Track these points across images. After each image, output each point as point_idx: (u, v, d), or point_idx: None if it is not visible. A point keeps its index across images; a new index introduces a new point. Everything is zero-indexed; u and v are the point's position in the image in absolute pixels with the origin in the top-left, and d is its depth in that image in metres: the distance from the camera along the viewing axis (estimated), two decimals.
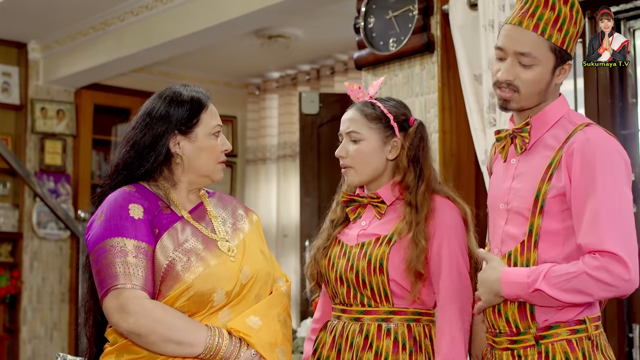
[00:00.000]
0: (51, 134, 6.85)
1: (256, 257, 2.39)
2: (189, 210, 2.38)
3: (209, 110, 2.39)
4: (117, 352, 2.25)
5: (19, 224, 6.73)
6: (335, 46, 6.65)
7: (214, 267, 2.26)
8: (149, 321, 2.16)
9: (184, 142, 2.35)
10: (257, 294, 2.35)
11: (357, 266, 2.50)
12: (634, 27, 3.62)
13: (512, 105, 2.28)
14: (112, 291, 2.18)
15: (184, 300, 2.22)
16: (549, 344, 2.19)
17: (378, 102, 2.59)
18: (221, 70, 7.62)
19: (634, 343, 3.48)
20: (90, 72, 6.55)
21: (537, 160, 2.24)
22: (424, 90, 4.11)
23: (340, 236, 2.61)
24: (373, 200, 2.57)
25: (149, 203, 2.30)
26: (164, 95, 2.38)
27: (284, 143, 7.50)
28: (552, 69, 2.24)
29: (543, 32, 2.22)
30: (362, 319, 2.49)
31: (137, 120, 2.38)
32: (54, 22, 6.33)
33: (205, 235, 2.33)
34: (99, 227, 2.26)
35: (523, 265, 2.21)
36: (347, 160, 2.56)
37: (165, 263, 2.23)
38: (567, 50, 2.24)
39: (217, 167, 2.41)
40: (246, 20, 5.26)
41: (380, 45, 4.26)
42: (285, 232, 7.38)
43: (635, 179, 3.50)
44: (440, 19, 4.06)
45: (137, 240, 2.22)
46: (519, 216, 2.24)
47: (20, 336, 6.60)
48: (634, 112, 3.57)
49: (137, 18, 5.93)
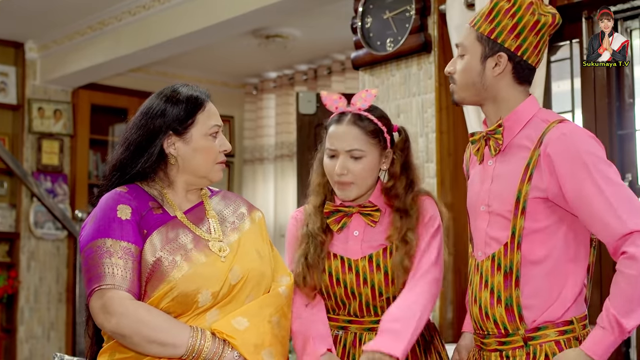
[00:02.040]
0: (48, 133, 6.85)
1: (250, 257, 2.35)
2: (185, 210, 2.35)
3: (206, 110, 2.35)
4: (111, 351, 2.25)
5: (16, 224, 6.72)
6: (332, 46, 6.65)
7: (200, 267, 2.23)
8: (132, 322, 2.14)
9: (178, 143, 2.32)
10: (248, 294, 2.31)
11: (371, 279, 2.46)
12: (631, 27, 3.62)
13: (455, 97, 2.36)
14: (96, 291, 2.17)
15: (168, 300, 2.19)
16: (537, 345, 2.19)
17: (369, 114, 2.52)
18: (219, 70, 7.62)
19: (630, 343, 3.49)
20: (88, 71, 6.54)
21: (514, 162, 2.25)
22: (421, 90, 4.11)
23: (333, 250, 2.54)
24: (364, 209, 2.53)
25: (138, 203, 2.28)
26: (162, 95, 2.36)
27: (282, 143, 7.50)
28: (481, 58, 2.27)
29: (475, 23, 2.30)
30: (376, 328, 2.43)
31: (134, 120, 2.36)
32: (51, 21, 6.33)
33: (197, 235, 2.30)
34: (89, 228, 2.25)
35: (507, 266, 2.21)
36: (349, 177, 2.49)
37: (152, 261, 2.21)
38: (495, 41, 2.26)
39: (215, 167, 2.37)
40: (244, 20, 5.26)
41: (377, 45, 4.26)
42: (283, 232, 7.38)
43: (632, 179, 3.51)
44: (437, 19, 4.06)
45: (124, 241, 2.20)
46: (500, 218, 2.25)
47: (18, 336, 6.60)
48: (631, 113, 3.57)
49: (135, 18, 5.93)
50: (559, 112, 2.96)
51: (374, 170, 2.52)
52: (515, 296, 2.20)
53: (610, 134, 3.53)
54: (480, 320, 2.29)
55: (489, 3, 2.29)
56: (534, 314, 2.19)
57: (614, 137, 3.53)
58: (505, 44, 2.25)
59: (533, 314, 2.19)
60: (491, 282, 2.25)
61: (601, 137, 2.26)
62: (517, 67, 2.27)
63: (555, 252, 2.20)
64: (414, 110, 4.11)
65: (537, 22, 2.25)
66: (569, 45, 3.77)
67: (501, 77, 2.28)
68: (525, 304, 2.20)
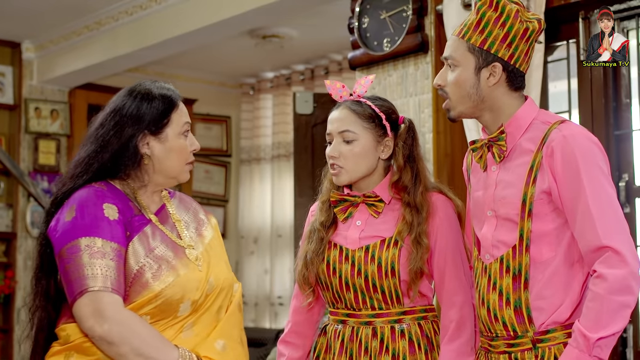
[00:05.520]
0: (45, 133, 6.84)
1: (221, 267, 2.33)
2: (154, 212, 2.31)
3: (179, 109, 2.31)
4: (66, 352, 2.16)
5: (13, 224, 6.71)
6: (329, 46, 6.65)
7: (183, 276, 2.20)
8: (124, 330, 2.08)
9: (153, 142, 2.27)
10: (220, 305, 2.29)
11: (365, 270, 2.46)
12: (628, 28, 3.62)
13: (451, 114, 2.33)
14: (87, 293, 2.08)
15: (151, 307, 2.15)
16: (545, 347, 2.19)
17: (368, 101, 2.55)
18: (215, 70, 7.61)
19: (627, 343, 3.49)
20: (85, 71, 6.54)
21: (518, 166, 2.25)
22: (417, 90, 4.11)
23: (335, 239, 2.55)
24: (369, 199, 2.54)
25: (122, 204, 2.23)
26: (135, 93, 2.29)
27: (278, 143, 7.50)
28: (475, 69, 2.26)
29: (463, 35, 2.28)
30: (373, 322, 2.47)
31: (105, 117, 2.29)
32: (48, 21, 6.32)
33: (174, 242, 2.27)
34: (69, 224, 2.16)
35: (515, 268, 2.22)
36: (340, 160, 2.51)
37: (136, 268, 2.16)
38: (489, 51, 2.25)
39: (185, 168, 2.34)
40: (240, 20, 5.26)
41: (374, 46, 4.26)
42: (280, 232, 7.38)
43: (629, 179, 3.51)
44: (434, 19, 4.06)
45: (114, 242, 2.14)
46: (508, 222, 2.25)
47: (14, 336, 6.58)
48: (628, 113, 3.57)
49: (132, 18, 5.93)
50: (555, 113, 2.96)
51: (367, 156, 2.52)
52: (524, 298, 2.21)
53: (607, 134, 3.53)
54: (488, 322, 2.29)
55: (476, 13, 2.28)
56: (543, 316, 2.19)
57: (611, 137, 3.54)
58: (498, 54, 2.25)
59: (542, 316, 2.19)
60: (500, 285, 2.25)
61: (598, 137, 2.25)
62: (511, 75, 2.27)
63: (563, 254, 2.19)
64: (411, 110, 4.11)
65: (527, 30, 2.25)
66: (565, 46, 3.78)
67: (496, 87, 2.27)
68: (535, 305, 2.20)
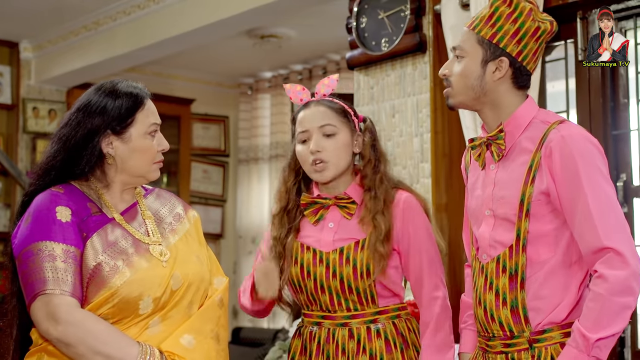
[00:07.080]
0: (43, 133, 6.83)
1: (190, 261, 2.29)
2: (122, 211, 2.28)
3: (145, 109, 2.28)
4: (38, 354, 2.17)
5: (11, 224, 6.69)
6: (327, 46, 6.65)
7: (142, 272, 2.17)
8: (79, 331, 2.06)
9: (116, 142, 2.24)
10: (190, 300, 2.25)
11: (340, 272, 2.48)
12: (626, 28, 3.62)
13: (450, 101, 2.34)
14: (40, 296, 2.08)
15: (109, 306, 2.12)
16: (542, 347, 2.19)
17: (334, 99, 2.60)
18: (213, 70, 7.61)
19: (625, 342, 3.49)
20: (82, 71, 6.53)
21: (516, 165, 2.25)
22: (416, 90, 4.11)
23: (306, 242, 2.56)
24: (340, 202, 2.55)
25: (77, 205, 2.20)
26: (100, 91, 2.26)
27: (276, 143, 7.50)
28: (481, 61, 2.27)
29: (474, 27, 2.29)
30: (349, 324, 2.49)
31: (70, 115, 2.26)
32: (46, 21, 6.32)
33: (137, 239, 2.24)
34: (25, 229, 2.17)
35: (512, 268, 2.21)
36: (323, 154, 2.51)
37: (92, 266, 2.13)
38: (497, 45, 2.25)
39: (153, 167, 2.31)
40: (238, 20, 5.25)
41: (372, 45, 4.26)
42: None
43: (627, 179, 3.51)
44: (432, 19, 4.06)
45: (66, 244, 2.12)
46: (506, 222, 2.25)
47: None
48: (626, 113, 3.57)
49: (129, 18, 5.92)
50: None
51: (347, 149, 2.55)
52: (520, 298, 2.21)
53: (605, 134, 3.53)
54: (485, 322, 2.29)
55: (489, 7, 2.28)
56: (540, 316, 2.19)
57: (609, 137, 3.54)
58: (507, 49, 2.25)
59: (539, 316, 2.20)
60: (496, 284, 2.25)
61: (596, 137, 2.25)
62: (517, 72, 2.27)
63: (561, 254, 2.19)
64: (409, 110, 4.11)
65: (538, 29, 2.26)
66: (563, 46, 3.78)
67: (501, 82, 2.27)
68: (531, 306, 2.20)
